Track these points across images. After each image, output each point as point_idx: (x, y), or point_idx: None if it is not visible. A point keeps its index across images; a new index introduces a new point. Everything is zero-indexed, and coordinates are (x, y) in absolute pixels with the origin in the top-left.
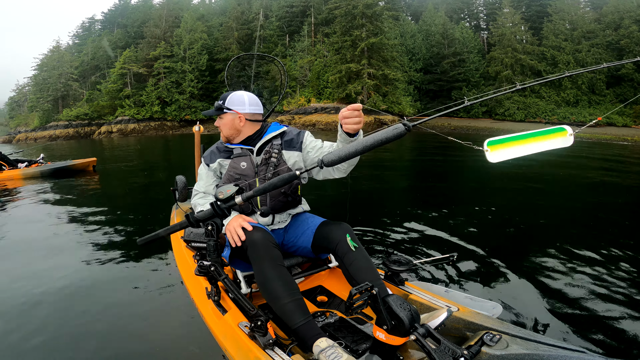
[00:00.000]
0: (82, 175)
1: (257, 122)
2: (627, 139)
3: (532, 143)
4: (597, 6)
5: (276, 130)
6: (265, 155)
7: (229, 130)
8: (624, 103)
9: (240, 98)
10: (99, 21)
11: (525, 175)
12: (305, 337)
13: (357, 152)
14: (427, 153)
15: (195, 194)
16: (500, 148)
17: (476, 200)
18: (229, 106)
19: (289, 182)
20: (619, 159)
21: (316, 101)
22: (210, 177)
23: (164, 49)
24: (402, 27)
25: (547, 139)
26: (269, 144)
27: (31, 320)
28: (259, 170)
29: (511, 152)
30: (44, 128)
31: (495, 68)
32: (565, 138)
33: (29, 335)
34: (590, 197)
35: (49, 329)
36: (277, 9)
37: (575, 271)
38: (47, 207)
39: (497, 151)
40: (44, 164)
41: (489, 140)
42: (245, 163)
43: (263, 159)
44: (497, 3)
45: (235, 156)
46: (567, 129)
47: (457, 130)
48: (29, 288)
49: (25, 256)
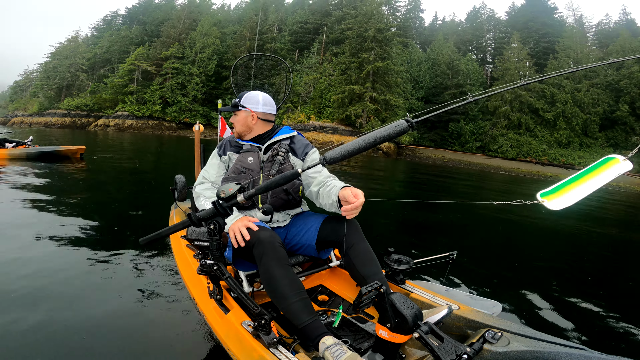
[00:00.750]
0: (68, 162)
1: (268, 122)
2: (612, 184)
3: (588, 181)
4: (604, 44)
5: (287, 133)
6: (273, 152)
7: (241, 127)
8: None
9: (255, 97)
10: (122, 16)
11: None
12: (312, 335)
13: (360, 149)
14: (418, 177)
15: (203, 182)
16: (556, 196)
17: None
18: (243, 104)
19: (291, 180)
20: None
21: (316, 119)
22: (221, 168)
23: (176, 50)
24: (409, 54)
25: (602, 172)
26: (277, 144)
27: (28, 317)
28: (264, 166)
29: (571, 197)
30: (41, 114)
31: (495, 103)
32: (620, 164)
33: (25, 331)
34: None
35: (48, 328)
36: (291, 24)
37: (575, 270)
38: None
39: (556, 199)
40: (32, 147)
41: (540, 193)
42: (252, 158)
43: (270, 155)
44: (506, 37)
45: (244, 151)
46: (618, 157)
47: (450, 163)
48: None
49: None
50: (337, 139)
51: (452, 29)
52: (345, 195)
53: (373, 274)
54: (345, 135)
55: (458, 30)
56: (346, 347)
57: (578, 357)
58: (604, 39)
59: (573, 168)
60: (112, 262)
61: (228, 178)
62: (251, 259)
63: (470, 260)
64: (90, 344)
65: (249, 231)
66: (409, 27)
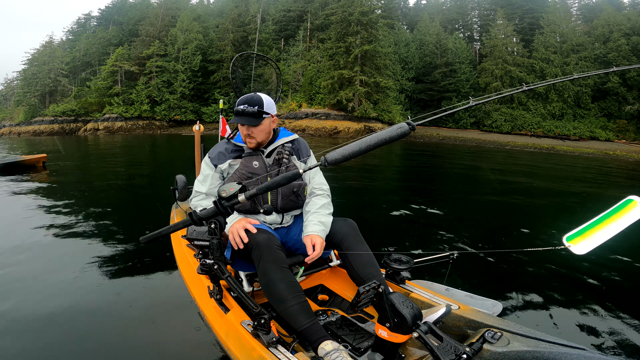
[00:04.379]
0: (31, 172)
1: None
2: (608, 153)
3: (608, 225)
4: (589, 19)
5: (287, 136)
6: (278, 156)
7: (265, 136)
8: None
9: (269, 101)
10: (95, 18)
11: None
12: (310, 339)
13: (362, 151)
14: (415, 156)
15: (197, 195)
16: (581, 240)
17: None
18: (267, 110)
19: (292, 180)
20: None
21: (307, 106)
22: (215, 179)
23: (157, 48)
24: (396, 36)
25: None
26: (279, 147)
27: (28, 317)
28: (271, 169)
29: (594, 240)
30: (29, 123)
31: (486, 79)
32: (638, 207)
33: (29, 334)
34: (573, 196)
35: (47, 328)
36: (274, 13)
37: (575, 270)
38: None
39: (580, 243)
40: None
41: (567, 237)
42: (257, 162)
43: (275, 159)
44: (491, 14)
45: (246, 155)
46: (636, 199)
47: (445, 140)
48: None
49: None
50: (331, 124)
51: (436, 8)
52: (305, 242)
53: (371, 275)
54: (338, 120)
55: (443, 10)
56: (345, 352)
57: (578, 357)
58: (588, 14)
59: (568, 139)
60: (111, 261)
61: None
62: (250, 260)
63: (470, 260)
64: (89, 344)
65: (247, 233)
66: (393, 8)
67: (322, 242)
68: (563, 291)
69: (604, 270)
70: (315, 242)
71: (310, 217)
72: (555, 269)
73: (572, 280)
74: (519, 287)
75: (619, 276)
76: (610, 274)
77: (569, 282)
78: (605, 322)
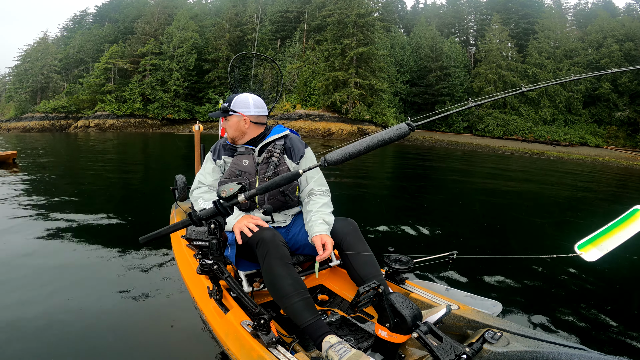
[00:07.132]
0: (2, 168)
1: (261, 125)
2: (597, 159)
3: (616, 234)
4: (583, 24)
5: (279, 132)
6: (267, 154)
7: (234, 132)
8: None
9: (245, 100)
10: (91, 15)
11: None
12: (314, 335)
13: (361, 152)
14: (407, 163)
15: (200, 187)
16: (591, 248)
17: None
18: (234, 108)
19: (292, 181)
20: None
21: (302, 107)
22: (216, 173)
23: (152, 46)
24: (392, 39)
25: (628, 226)
26: (271, 144)
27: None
28: (260, 168)
29: (604, 248)
30: (19, 119)
31: (479, 84)
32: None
33: (26, 334)
34: (567, 194)
35: (47, 328)
36: (271, 13)
37: (574, 269)
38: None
39: (591, 251)
40: None
41: (578, 245)
42: (247, 160)
43: (264, 157)
44: (487, 19)
45: (238, 154)
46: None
47: (438, 144)
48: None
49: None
50: (324, 126)
51: (433, 12)
52: (315, 242)
53: (371, 275)
54: (332, 122)
55: (440, 14)
56: (349, 345)
57: (578, 357)
58: (583, 20)
59: (559, 144)
60: (111, 261)
61: (224, 182)
62: (254, 258)
63: (470, 259)
64: (89, 343)
65: (250, 231)
66: (391, 11)
67: (331, 242)
68: (563, 291)
69: (604, 271)
70: (326, 241)
71: (313, 217)
72: (555, 269)
73: (572, 280)
74: (519, 287)
75: (619, 276)
76: (610, 274)
77: (568, 283)
78: (605, 322)
